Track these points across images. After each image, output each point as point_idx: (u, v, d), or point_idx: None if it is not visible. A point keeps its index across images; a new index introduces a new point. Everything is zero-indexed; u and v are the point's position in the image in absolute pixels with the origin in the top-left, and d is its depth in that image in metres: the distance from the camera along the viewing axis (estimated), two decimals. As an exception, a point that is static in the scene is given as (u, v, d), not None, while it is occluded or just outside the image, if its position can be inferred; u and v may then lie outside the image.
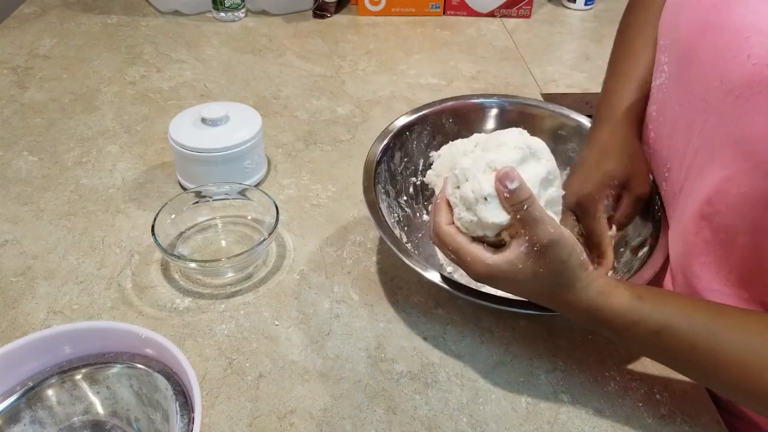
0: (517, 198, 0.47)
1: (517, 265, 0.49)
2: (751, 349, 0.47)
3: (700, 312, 0.49)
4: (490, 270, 0.50)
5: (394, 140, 0.72)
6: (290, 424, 0.55)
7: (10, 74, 1.05)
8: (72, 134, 0.91)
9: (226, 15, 1.24)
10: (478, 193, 0.50)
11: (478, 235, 0.52)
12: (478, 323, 0.65)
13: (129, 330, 0.50)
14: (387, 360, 0.61)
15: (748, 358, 0.46)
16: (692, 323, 0.48)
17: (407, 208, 0.74)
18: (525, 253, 0.49)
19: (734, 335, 0.48)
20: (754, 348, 0.47)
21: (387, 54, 1.15)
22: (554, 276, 0.50)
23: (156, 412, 0.49)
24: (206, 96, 1.01)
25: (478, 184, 0.51)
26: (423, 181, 0.73)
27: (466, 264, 0.52)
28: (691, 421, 0.56)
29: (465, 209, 0.52)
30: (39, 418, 0.49)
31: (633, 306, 0.50)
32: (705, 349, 0.48)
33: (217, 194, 0.75)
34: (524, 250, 0.49)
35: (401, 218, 0.71)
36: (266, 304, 0.66)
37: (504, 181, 0.48)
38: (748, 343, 0.47)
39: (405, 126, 0.74)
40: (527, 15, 1.28)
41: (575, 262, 0.49)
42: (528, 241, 0.48)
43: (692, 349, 0.48)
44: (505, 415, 0.56)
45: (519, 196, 0.47)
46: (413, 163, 0.75)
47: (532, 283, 0.50)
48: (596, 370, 0.60)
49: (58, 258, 0.71)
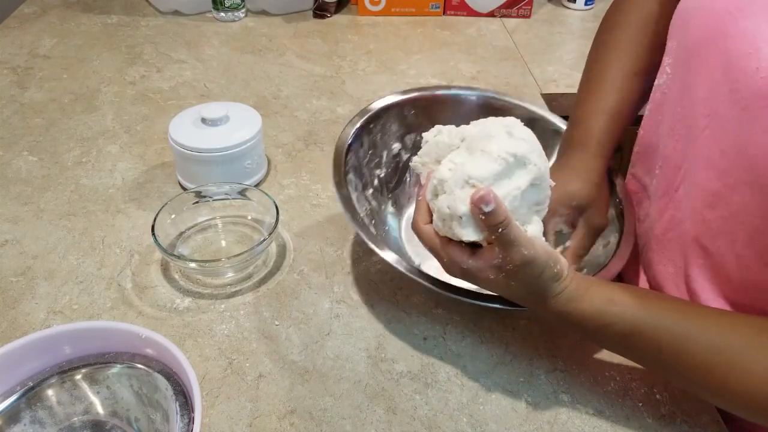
0: (492, 221, 0.47)
1: (490, 275, 0.51)
2: (716, 350, 0.48)
3: (669, 313, 0.50)
4: (463, 272, 0.52)
5: (359, 131, 0.72)
6: (290, 424, 0.55)
7: (10, 74, 1.05)
8: (72, 134, 0.91)
9: (226, 15, 1.24)
10: (454, 211, 0.50)
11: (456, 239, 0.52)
12: (478, 323, 0.65)
13: (129, 330, 0.50)
14: (387, 360, 0.61)
15: (713, 359, 0.48)
16: (659, 326, 0.50)
17: (373, 201, 0.73)
18: (498, 267, 0.50)
19: (700, 337, 0.49)
20: (719, 349, 0.48)
21: (387, 54, 1.15)
22: (527, 288, 0.51)
23: (156, 412, 0.49)
24: (206, 96, 1.01)
25: (453, 202, 0.50)
26: (387, 174, 0.74)
27: (442, 263, 0.54)
28: (691, 421, 0.56)
29: (440, 221, 0.52)
30: (39, 418, 0.49)
31: (603, 310, 0.51)
32: (672, 350, 0.49)
33: (217, 194, 0.75)
34: (498, 263, 0.50)
35: (369, 211, 0.71)
36: (266, 304, 0.66)
37: (479, 204, 0.47)
38: (713, 345, 0.48)
39: (369, 118, 0.73)
40: (527, 15, 1.28)
41: (548, 276, 0.50)
42: (501, 259, 0.49)
43: (659, 351, 0.50)
44: (505, 415, 0.56)
45: (494, 219, 0.47)
46: (377, 155, 0.75)
47: (503, 290, 0.53)
48: (596, 370, 0.60)
49: (58, 258, 0.71)
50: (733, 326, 0.49)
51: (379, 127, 0.75)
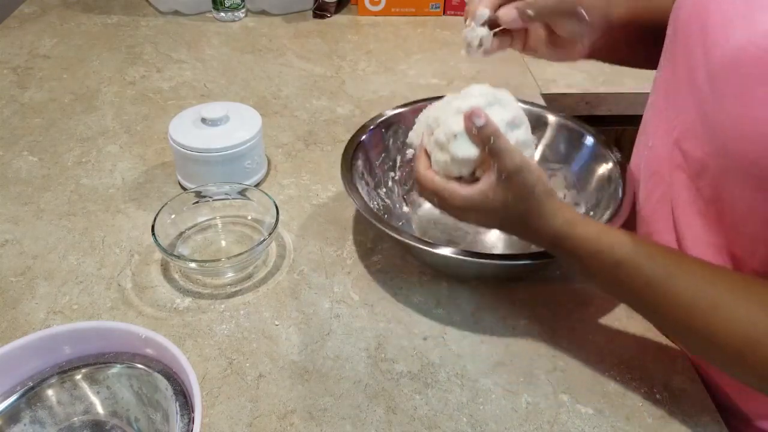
0: (484, 132, 0.53)
1: (488, 194, 0.54)
2: (701, 292, 0.49)
3: (662, 254, 0.52)
4: (465, 201, 0.55)
5: (371, 135, 0.76)
6: (290, 424, 0.55)
7: (10, 74, 1.05)
8: (72, 134, 0.91)
9: (226, 15, 1.24)
10: (449, 132, 0.56)
11: (455, 176, 0.57)
12: (478, 323, 0.65)
13: (129, 330, 0.50)
14: (387, 360, 0.61)
15: (697, 301, 0.49)
16: (651, 261, 0.51)
17: (387, 199, 0.76)
18: (495, 182, 0.54)
19: (688, 279, 0.50)
20: (704, 292, 0.49)
21: (387, 54, 1.15)
22: (522, 202, 0.54)
23: (156, 412, 0.49)
24: (206, 96, 1.01)
25: (447, 126, 0.57)
26: (401, 177, 0.78)
27: (444, 201, 0.57)
28: (691, 421, 0.56)
29: (439, 150, 0.57)
30: (39, 418, 0.49)
31: (598, 237, 0.53)
32: (658, 287, 0.50)
33: (217, 194, 0.75)
34: (494, 179, 0.54)
35: (381, 207, 0.73)
36: (266, 304, 0.66)
37: (472, 119, 0.54)
38: (699, 287, 0.49)
39: (381, 123, 0.77)
40: (527, 15, 1.28)
41: (541, 190, 0.54)
42: (496, 171, 0.53)
43: (647, 285, 0.51)
44: (505, 415, 0.56)
45: (486, 130, 0.53)
46: (390, 158, 0.78)
47: (501, 212, 0.55)
48: (596, 370, 0.60)
49: (58, 258, 0.71)
50: (720, 274, 0.51)
51: (390, 132, 0.78)
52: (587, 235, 0.53)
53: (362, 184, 0.71)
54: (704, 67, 0.52)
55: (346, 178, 0.69)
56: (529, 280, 0.69)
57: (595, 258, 0.53)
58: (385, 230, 0.62)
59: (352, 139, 0.75)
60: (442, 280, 0.69)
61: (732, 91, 0.49)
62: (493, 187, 0.54)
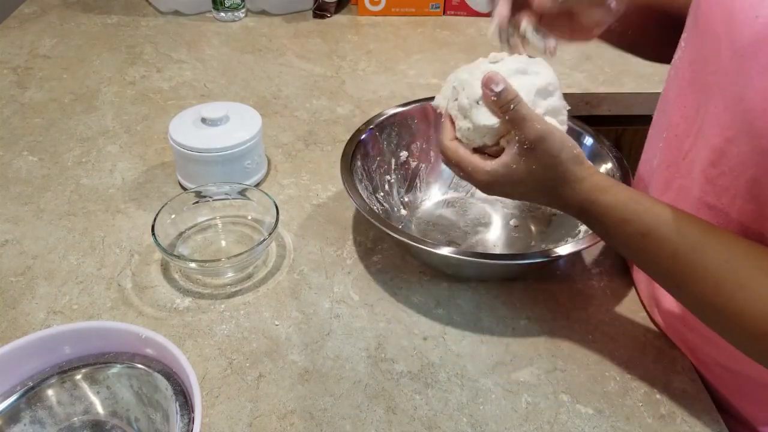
0: (503, 99, 0.51)
1: (512, 165, 0.53)
2: (729, 267, 0.48)
3: (691, 225, 0.50)
4: (489, 176, 0.54)
5: (366, 140, 0.76)
6: (290, 424, 0.55)
7: (10, 74, 1.05)
8: (72, 134, 0.91)
9: (226, 15, 1.24)
10: (471, 97, 0.54)
11: (478, 145, 0.56)
12: (478, 323, 0.65)
13: (129, 330, 0.50)
14: (387, 360, 0.61)
15: (724, 276, 0.47)
16: (680, 232, 0.50)
17: (385, 203, 0.76)
18: (517, 153, 0.52)
19: (717, 252, 0.48)
20: (732, 267, 0.48)
21: (387, 54, 1.15)
22: (548, 170, 0.52)
23: (156, 412, 0.49)
24: (206, 96, 1.01)
25: (471, 89, 0.54)
26: (398, 180, 0.79)
27: (468, 174, 0.56)
28: (691, 421, 0.56)
29: (462, 117, 0.56)
30: (39, 418, 0.49)
31: (627, 205, 0.52)
32: (686, 259, 0.49)
33: (217, 194, 0.75)
34: (516, 150, 0.52)
35: (380, 212, 0.73)
36: (266, 304, 0.66)
37: (489, 85, 0.51)
38: (727, 262, 0.48)
39: (375, 127, 0.77)
40: (527, 15, 1.28)
41: (567, 156, 0.52)
42: (518, 141, 0.52)
43: (674, 256, 0.50)
44: (505, 415, 0.56)
45: (505, 97, 0.51)
46: (385, 162, 0.79)
47: (528, 182, 0.53)
48: (596, 370, 0.60)
49: (58, 258, 0.71)
50: (751, 250, 0.48)
51: (384, 135, 0.79)
52: (615, 202, 0.52)
53: (362, 186, 0.72)
54: (729, 49, 0.51)
55: (347, 180, 0.69)
56: (529, 280, 0.69)
57: (622, 227, 0.52)
58: (385, 230, 0.63)
59: (350, 140, 0.75)
60: (442, 280, 0.69)
61: (759, 68, 0.47)
62: (516, 158, 0.52)
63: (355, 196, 0.67)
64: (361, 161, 0.74)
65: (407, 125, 0.80)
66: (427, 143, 0.80)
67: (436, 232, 0.76)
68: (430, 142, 0.81)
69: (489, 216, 0.79)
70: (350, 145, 0.74)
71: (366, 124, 0.77)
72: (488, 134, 0.55)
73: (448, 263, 0.67)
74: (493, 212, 0.79)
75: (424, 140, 0.80)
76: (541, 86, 0.55)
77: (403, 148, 0.79)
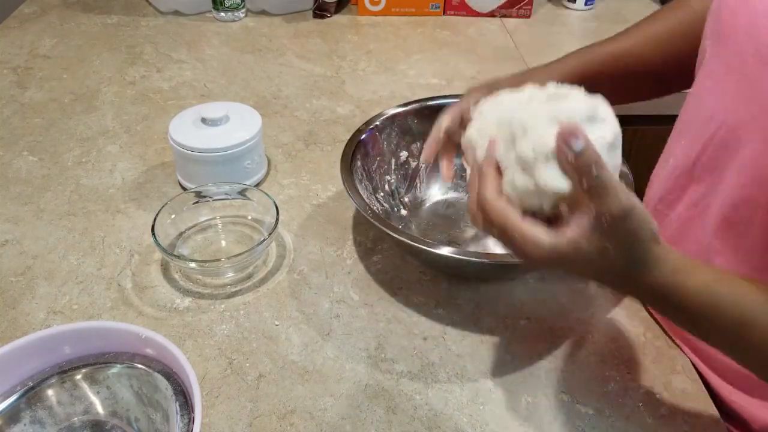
0: (584, 162, 0.40)
1: (581, 244, 0.42)
2: None
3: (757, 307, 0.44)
4: (548, 252, 0.43)
5: (366, 140, 0.75)
6: (290, 424, 0.55)
7: (10, 74, 1.05)
8: (72, 134, 0.91)
9: (226, 15, 1.24)
10: (540, 150, 0.42)
11: (532, 207, 0.44)
12: (478, 323, 0.65)
13: (129, 330, 0.50)
14: (387, 360, 0.61)
15: None
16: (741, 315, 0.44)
17: (385, 203, 0.76)
18: (591, 229, 0.42)
19: None
20: None
21: (387, 54, 1.15)
22: (625, 251, 0.43)
23: (156, 412, 0.49)
24: (206, 96, 1.01)
25: (540, 139, 0.42)
26: (397, 180, 0.78)
27: (515, 244, 0.44)
28: (691, 421, 0.56)
29: (521, 171, 0.44)
30: (39, 418, 0.49)
31: (713, 289, 0.44)
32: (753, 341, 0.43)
33: (217, 194, 0.75)
34: (590, 225, 0.42)
35: (380, 212, 0.73)
36: (266, 304, 0.66)
37: (569, 140, 0.40)
38: None
39: (375, 127, 0.77)
40: (527, 15, 1.28)
41: (648, 236, 0.43)
42: (596, 215, 0.41)
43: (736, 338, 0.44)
44: (505, 415, 0.56)
45: (587, 159, 0.40)
46: (385, 162, 0.78)
47: (598, 262, 0.43)
48: (596, 370, 0.60)
49: (58, 258, 0.71)
50: None
51: (384, 135, 0.78)
52: (701, 287, 0.44)
53: (362, 187, 0.71)
54: (756, 56, 0.50)
55: (347, 180, 0.69)
56: (529, 280, 0.69)
57: (710, 314, 0.44)
58: (386, 230, 0.62)
59: (350, 140, 0.75)
60: (442, 280, 0.69)
61: None
62: (587, 234, 0.42)
63: (355, 196, 0.67)
64: (361, 161, 0.74)
65: (407, 125, 0.79)
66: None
67: (436, 232, 0.76)
68: None
69: None
70: (350, 145, 0.74)
71: (366, 124, 0.77)
72: (550, 199, 0.43)
73: (448, 263, 0.67)
74: None
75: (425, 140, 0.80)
76: (611, 140, 0.44)
77: (403, 148, 0.79)
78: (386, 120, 0.78)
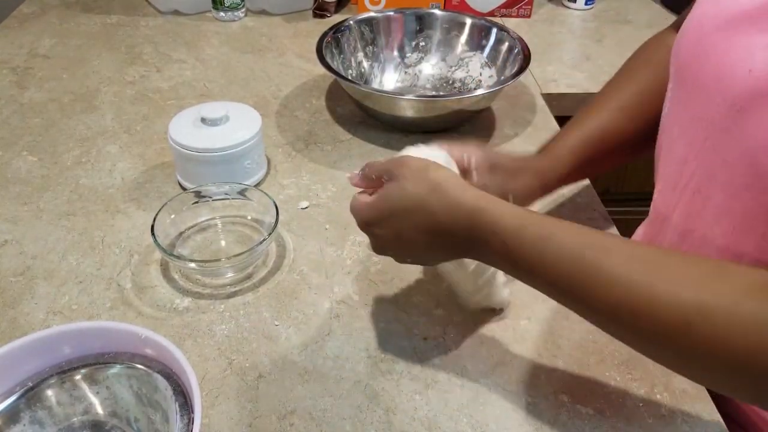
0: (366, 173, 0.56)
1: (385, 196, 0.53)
2: (639, 268, 0.43)
3: (589, 231, 0.47)
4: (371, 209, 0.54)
5: (333, 36, 0.99)
6: (290, 425, 0.55)
7: (10, 74, 1.05)
8: (72, 134, 0.91)
9: (225, 15, 1.24)
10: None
11: None
12: (478, 323, 0.65)
13: (129, 330, 0.50)
14: (387, 360, 0.61)
15: (635, 278, 0.43)
16: (581, 235, 0.46)
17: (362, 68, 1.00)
18: (385, 188, 0.53)
19: (621, 252, 0.44)
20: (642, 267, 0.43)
21: (387, 54, 1.15)
22: (421, 183, 0.51)
23: (156, 412, 0.49)
24: (206, 96, 1.01)
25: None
26: (355, 77, 0.99)
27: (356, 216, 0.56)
28: (691, 421, 0.56)
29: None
30: (39, 418, 0.49)
31: (522, 212, 0.49)
32: (592, 260, 0.44)
33: (217, 194, 0.75)
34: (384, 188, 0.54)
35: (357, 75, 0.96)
36: (266, 304, 0.66)
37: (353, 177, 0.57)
38: (635, 259, 0.44)
39: (335, 32, 0.99)
40: (527, 15, 1.28)
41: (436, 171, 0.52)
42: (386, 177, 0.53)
43: (580, 259, 0.45)
44: (505, 415, 0.56)
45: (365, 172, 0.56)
46: (347, 60, 1.00)
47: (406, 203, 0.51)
48: (596, 370, 0.60)
49: (57, 258, 0.71)
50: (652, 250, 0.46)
51: (344, 39, 1.00)
52: (509, 208, 0.48)
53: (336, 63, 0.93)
54: (723, 105, 0.51)
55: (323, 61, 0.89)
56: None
57: (520, 233, 0.47)
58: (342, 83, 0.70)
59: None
60: (443, 280, 0.69)
61: (760, 122, 0.47)
62: (385, 191, 0.53)
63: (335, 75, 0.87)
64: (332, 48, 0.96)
65: (361, 32, 1.01)
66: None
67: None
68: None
69: None
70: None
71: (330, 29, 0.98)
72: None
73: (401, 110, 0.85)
74: None
75: (375, 46, 1.04)
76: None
77: (358, 51, 0.98)
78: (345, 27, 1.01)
